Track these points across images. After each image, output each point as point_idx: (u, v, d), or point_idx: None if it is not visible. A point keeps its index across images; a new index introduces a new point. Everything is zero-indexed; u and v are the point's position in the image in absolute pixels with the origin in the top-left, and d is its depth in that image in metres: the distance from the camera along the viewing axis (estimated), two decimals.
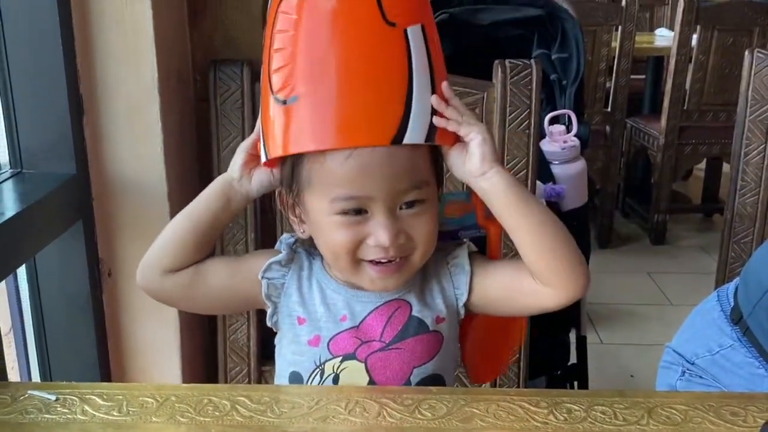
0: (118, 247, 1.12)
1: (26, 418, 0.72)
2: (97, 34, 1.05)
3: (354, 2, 0.72)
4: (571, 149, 1.48)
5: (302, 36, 0.72)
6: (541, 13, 1.82)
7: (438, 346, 0.81)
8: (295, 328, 0.81)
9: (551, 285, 0.75)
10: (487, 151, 0.74)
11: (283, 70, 0.72)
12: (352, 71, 0.71)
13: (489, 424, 0.70)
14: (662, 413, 0.72)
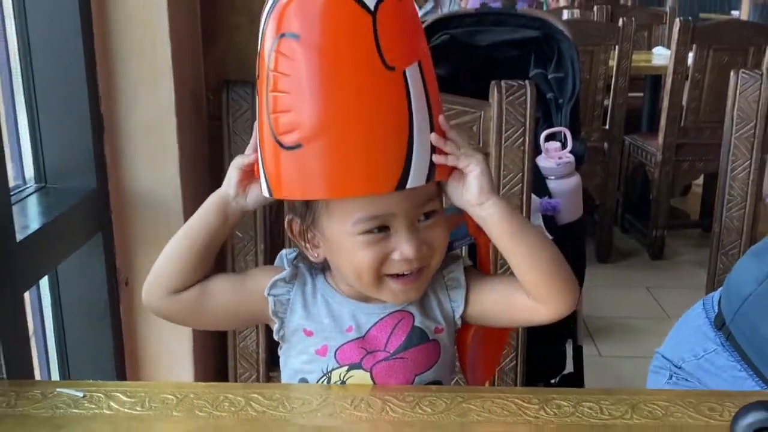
0: (135, 258, 1.18)
1: (57, 413, 0.78)
2: (118, 58, 1.11)
3: (355, 49, 0.72)
4: (566, 165, 1.54)
5: (304, 83, 0.72)
6: (537, 34, 1.89)
7: (437, 354, 0.85)
8: (304, 341, 0.85)
9: (543, 302, 0.80)
10: (484, 182, 0.77)
11: (285, 114, 0.73)
12: (355, 120, 0.73)
13: (484, 418, 0.76)
14: (645, 408, 0.78)
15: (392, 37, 0.73)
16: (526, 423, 0.75)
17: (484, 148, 1.19)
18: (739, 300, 1.01)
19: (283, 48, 0.72)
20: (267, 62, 0.74)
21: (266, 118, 0.75)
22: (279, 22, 0.73)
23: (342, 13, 0.72)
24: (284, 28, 0.72)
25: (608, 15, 4.03)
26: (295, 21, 0.72)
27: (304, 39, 0.72)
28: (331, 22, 0.72)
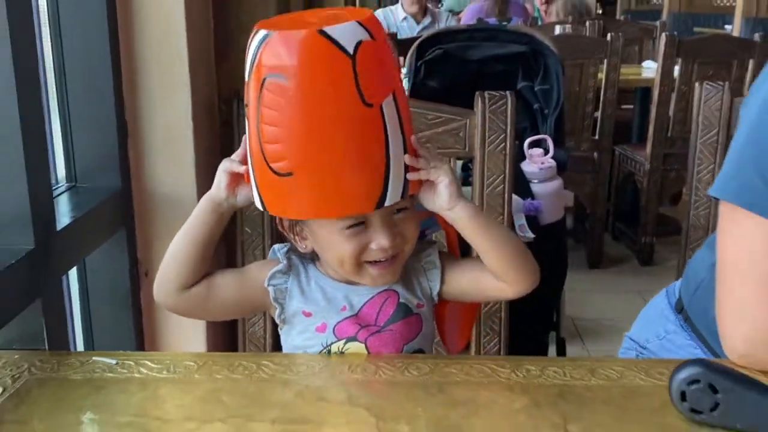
0: (154, 252, 1.31)
1: (94, 376, 0.90)
2: (141, 71, 1.25)
3: (337, 90, 0.79)
4: (547, 170, 1.67)
5: (292, 120, 0.80)
6: (525, 49, 2.02)
7: (420, 326, 0.97)
8: (303, 321, 0.96)
9: (508, 282, 0.94)
10: (453, 190, 0.89)
11: (275, 146, 0.82)
12: (338, 151, 0.81)
13: (462, 379, 0.88)
14: (602, 372, 0.90)
15: (370, 77, 0.81)
16: (498, 383, 0.87)
17: (469, 152, 1.32)
18: (694, 286, 1.13)
19: (270, 86, 0.79)
20: (257, 95, 0.81)
21: (257, 145, 0.84)
22: (267, 62, 0.79)
23: (325, 56, 0.79)
24: (272, 68, 0.79)
25: (600, 30, 4.17)
26: (280, 62, 0.79)
27: (293, 83, 0.79)
28: (315, 65, 0.79)
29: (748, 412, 0.76)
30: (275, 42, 0.79)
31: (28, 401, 0.83)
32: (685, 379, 0.78)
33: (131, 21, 1.23)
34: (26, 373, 0.89)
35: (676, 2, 8.82)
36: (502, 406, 0.83)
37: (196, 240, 0.93)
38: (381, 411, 0.80)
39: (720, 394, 0.76)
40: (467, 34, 2.06)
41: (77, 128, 1.22)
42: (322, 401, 0.84)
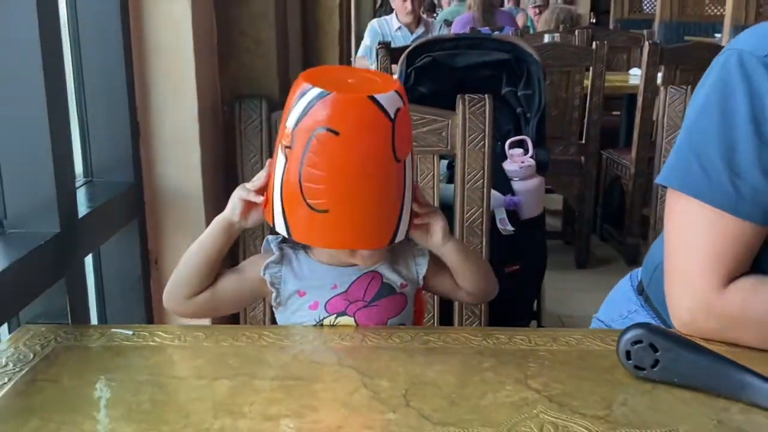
0: (163, 242, 1.43)
1: (113, 345, 1.01)
2: (151, 76, 1.37)
3: (378, 146, 0.94)
4: (527, 168, 1.79)
5: (336, 167, 0.93)
6: (508, 56, 2.14)
7: (404, 304, 1.09)
8: (298, 300, 1.08)
9: (473, 294, 1.13)
10: (445, 230, 1.06)
11: (317, 186, 0.93)
12: (371, 197, 0.96)
13: (439, 346, 1.00)
14: (563, 340, 1.02)
15: (402, 138, 0.95)
16: (470, 348, 0.99)
17: (451, 150, 1.44)
18: (652, 268, 1.25)
19: (321, 137, 0.92)
20: (304, 142, 0.92)
21: (296, 182, 0.95)
22: (319, 113, 0.91)
23: (372, 119, 0.92)
24: (324, 121, 0.91)
25: (589, 38, 4.30)
26: (335, 119, 0.91)
27: (342, 137, 0.92)
28: (363, 125, 0.92)
29: (683, 368, 0.87)
30: (332, 101, 0.91)
31: (57, 364, 0.94)
32: (629, 339, 0.89)
33: (143, 31, 1.35)
34: (53, 342, 1.00)
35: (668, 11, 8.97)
36: (472, 366, 0.94)
37: (207, 256, 1.05)
38: (366, 370, 0.92)
39: (660, 353, 0.88)
40: (454, 43, 2.19)
41: (93, 129, 1.34)
42: (315, 363, 0.96)
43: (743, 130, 0.95)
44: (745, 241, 0.97)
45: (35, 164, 1.07)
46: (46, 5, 1.05)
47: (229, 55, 1.53)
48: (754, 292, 0.97)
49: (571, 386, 0.88)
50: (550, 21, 5.15)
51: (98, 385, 0.91)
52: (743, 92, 0.96)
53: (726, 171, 0.96)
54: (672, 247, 1.04)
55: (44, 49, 1.03)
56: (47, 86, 1.05)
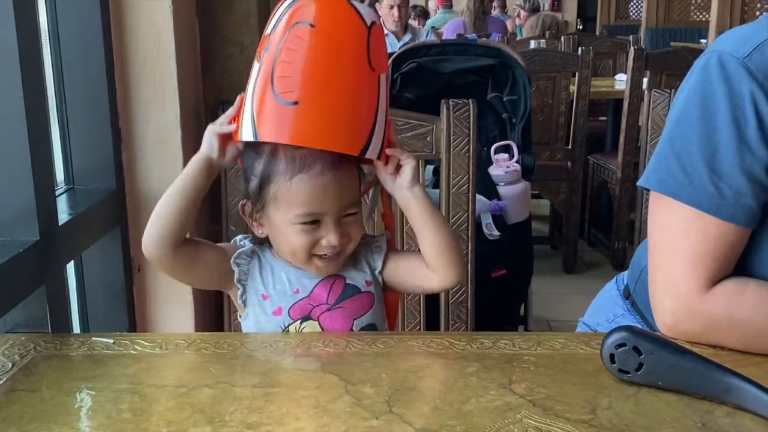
0: None
1: (93, 353, 1.00)
2: (133, 82, 1.36)
3: (353, 47, 0.96)
4: (512, 173, 1.79)
5: (309, 58, 0.94)
6: (494, 62, 2.15)
7: (371, 302, 1.08)
8: (262, 303, 1.07)
9: (437, 271, 1.06)
10: (416, 173, 1.04)
11: (288, 79, 0.94)
12: (343, 93, 0.96)
13: (423, 351, 0.99)
14: (547, 344, 1.01)
15: (377, 50, 0.98)
16: (454, 353, 0.98)
17: (436, 155, 1.43)
18: (638, 272, 1.25)
19: (297, 30, 0.94)
20: (280, 39, 0.95)
21: (267, 78, 0.95)
22: (297, 14, 0.95)
23: (348, 18, 0.96)
24: (300, 18, 0.94)
25: (575, 45, 4.32)
26: (312, 15, 0.94)
27: (317, 29, 0.94)
28: (342, 23, 0.96)
29: (668, 371, 0.87)
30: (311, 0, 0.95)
31: (36, 373, 0.93)
32: (613, 343, 0.89)
33: (125, 37, 1.34)
34: (32, 351, 0.99)
35: (654, 17, 9.03)
36: (456, 371, 0.93)
37: (186, 198, 1.02)
38: (349, 376, 0.91)
39: (643, 356, 0.87)
40: (439, 49, 2.19)
41: (75, 135, 1.33)
42: (297, 370, 0.95)
43: (724, 132, 0.95)
44: (728, 243, 0.97)
45: (14, 171, 1.05)
46: (24, 11, 1.04)
47: (213, 60, 1.52)
48: (737, 295, 0.97)
49: (555, 390, 0.87)
50: (535, 27, 5.18)
51: (78, 395, 0.90)
52: (723, 94, 0.96)
53: (707, 173, 0.96)
54: (655, 249, 1.04)
55: (23, 55, 1.02)
56: (26, 92, 1.04)
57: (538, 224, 4.10)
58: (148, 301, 1.43)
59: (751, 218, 0.96)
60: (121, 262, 1.36)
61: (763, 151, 0.94)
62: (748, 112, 0.94)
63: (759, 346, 0.95)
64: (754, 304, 0.96)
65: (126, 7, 1.33)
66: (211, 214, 1.53)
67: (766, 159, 0.94)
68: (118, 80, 1.34)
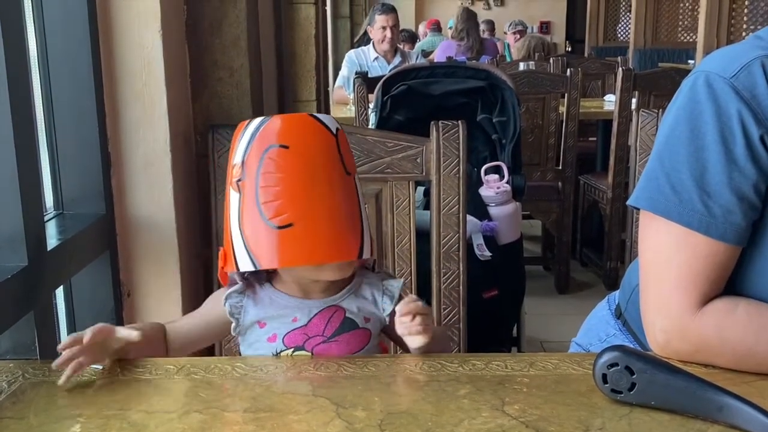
0: (136, 274, 1.41)
1: (82, 380, 0.98)
2: (123, 105, 1.36)
3: (327, 158, 1.00)
4: (503, 194, 1.80)
5: (291, 179, 0.97)
6: (483, 84, 2.16)
7: (367, 339, 1.08)
8: (257, 331, 1.07)
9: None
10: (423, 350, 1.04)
11: (274, 203, 0.96)
12: (332, 205, 0.99)
13: (414, 372, 0.98)
14: (540, 365, 1.01)
15: (346, 154, 1.03)
16: (446, 375, 0.98)
17: (426, 176, 1.44)
18: (629, 291, 1.25)
19: (272, 154, 0.97)
20: (256, 165, 0.97)
21: (254, 206, 0.98)
22: (266, 137, 0.98)
23: (316, 132, 1.00)
24: (271, 141, 0.97)
25: (564, 66, 4.35)
26: (283, 136, 0.98)
27: (291, 149, 0.97)
28: (309, 137, 1.00)
29: (660, 390, 0.86)
30: (277, 121, 0.99)
31: (24, 400, 0.92)
32: (605, 363, 0.89)
33: (114, 61, 1.34)
34: (20, 378, 0.98)
35: (642, 39, 9.12)
36: (448, 393, 0.93)
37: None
38: (341, 400, 0.90)
39: (636, 375, 0.87)
40: (429, 71, 2.20)
41: (64, 160, 1.32)
42: (288, 394, 0.94)
43: (713, 151, 0.96)
44: (719, 261, 0.97)
45: (2, 196, 1.05)
46: (13, 33, 1.04)
47: (202, 84, 1.52)
48: (728, 314, 0.97)
49: (548, 411, 0.87)
50: (521, 49, 5.22)
51: (66, 422, 0.89)
52: (711, 113, 0.96)
53: (697, 191, 0.96)
54: (646, 269, 1.04)
55: (11, 79, 1.02)
56: (14, 117, 1.03)
57: (530, 245, 4.11)
58: None
59: (740, 236, 0.96)
60: (111, 287, 1.35)
61: (751, 169, 0.94)
62: (736, 131, 0.95)
63: (750, 364, 0.95)
64: (745, 323, 0.96)
65: (115, 32, 1.34)
66: (202, 237, 1.53)
67: (755, 177, 0.95)
68: (107, 104, 1.34)
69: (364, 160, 1.44)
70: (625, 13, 10.17)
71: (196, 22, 1.51)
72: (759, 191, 0.95)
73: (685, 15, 9.12)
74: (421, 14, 11.64)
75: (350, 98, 4.21)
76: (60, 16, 1.27)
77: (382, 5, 5.00)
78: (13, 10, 1.04)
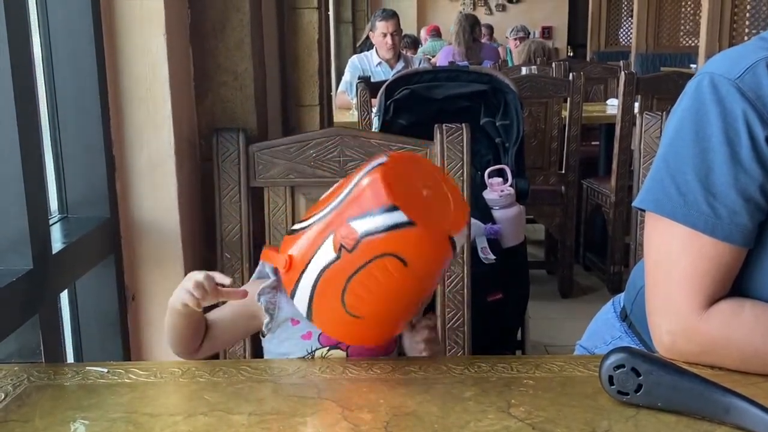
0: (140, 277, 1.41)
1: (87, 383, 0.99)
2: (127, 108, 1.36)
3: (436, 278, 1.01)
4: (506, 197, 1.80)
5: (391, 293, 0.95)
6: (486, 88, 2.16)
7: (396, 342, 1.10)
8: (290, 329, 1.06)
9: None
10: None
11: (361, 299, 0.94)
12: (409, 312, 1.01)
13: (420, 375, 0.98)
14: (545, 367, 1.00)
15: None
16: (452, 377, 0.98)
17: None
18: (634, 293, 1.24)
19: (388, 261, 0.91)
20: (368, 255, 0.91)
21: (341, 285, 0.94)
22: (397, 243, 0.90)
23: (444, 256, 0.95)
24: (399, 251, 0.91)
25: (566, 71, 4.35)
26: (410, 252, 0.91)
27: (410, 269, 0.92)
28: (437, 262, 0.96)
29: (667, 391, 0.86)
30: (415, 235, 0.90)
31: (29, 403, 0.92)
32: (611, 364, 0.88)
33: (118, 64, 1.35)
34: (25, 381, 0.98)
35: (644, 43, 9.11)
36: (454, 395, 0.93)
37: (179, 333, 1.06)
38: (346, 402, 0.90)
39: (642, 377, 0.87)
40: (432, 75, 2.21)
41: (68, 163, 1.32)
42: (294, 396, 0.94)
43: (718, 152, 0.96)
44: (724, 262, 0.97)
45: (7, 200, 1.05)
46: (18, 38, 1.04)
47: (206, 87, 1.53)
48: (734, 316, 0.97)
49: (554, 413, 0.87)
50: (522, 53, 5.23)
51: (72, 425, 0.89)
52: (716, 114, 0.96)
53: (702, 193, 0.96)
54: (651, 270, 1.03)
55: (16, 83, 1.02)
56: (19, 120, 1.03)
57: (534, 249, 4.10)
58: (143, 329, 1.42)
59: (746, 237, 0.96)
60: (115, 290, 1.35)
61: (756, 170, 0.94)
62: (742, 132, 0.94)
63: (757, 366, 0.95)
64: (751, 324, 0.96)
65: (119, 35, 1.34)
66: (206, 241, 1.53)
67: (760, 178, 0.94)
68: (111, 108, 1.34)
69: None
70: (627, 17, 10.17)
71: (200, 26, 1.51)
72: (765, 192, 0.95)
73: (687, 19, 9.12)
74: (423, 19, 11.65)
75: (353, 103, 4.21)
76: (64, 20, 1.28)
77: (383, 11, 5.00)
78: (18, 15, 1.05)
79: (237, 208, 1.44)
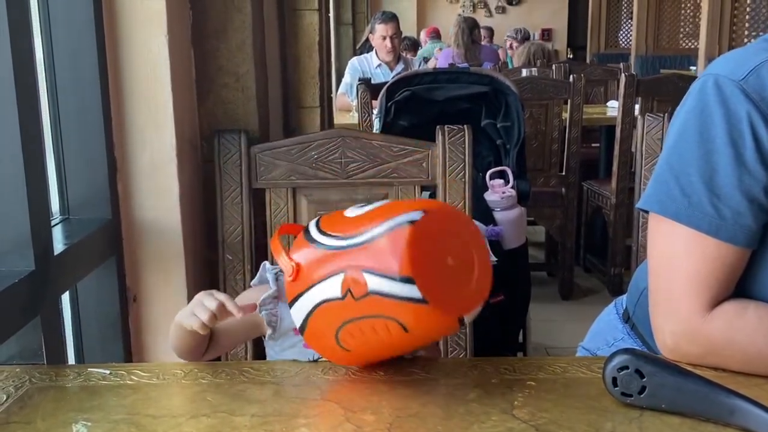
0: (142, 278, 1.40)
1: (89, 384, 0.98)
2: (129, 110, 1.36)
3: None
4: (508, 198, 1.79)
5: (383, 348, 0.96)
6: (487, 89, 2.16)
7: None
8: (293, 338, 1.07)
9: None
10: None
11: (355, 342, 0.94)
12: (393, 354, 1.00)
13: (423, 376, 0.98)
14: (549, 368, 1.00)
15: None
16: (455, 379, 0.97)
17: (432, 181, 1.43)
18: (637, 295, 1.24)
19: (392, 326, 0.89)
20: (373, 314, 0.89)
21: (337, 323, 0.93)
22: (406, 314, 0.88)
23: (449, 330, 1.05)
24: (405, 321, 0.88)
25: (566, 73, 4.35)
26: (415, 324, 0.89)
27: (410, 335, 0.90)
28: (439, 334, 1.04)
29: (670, 393, 0.86)
30: (425, 312, 0.87)
31: (31, 405, 0.92)
32: (615, 366, 0.88)
33: (120, 65, 1.35)
34: (27, 383, 0.97)
35: (643, 45, 9.12)
36: (457, 397, 0.92)
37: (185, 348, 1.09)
38: (349, 404, 0.90)
39: (646, 378, 0.86)
40: (432, 77, 2.20)
41: (70, 165, 1.32)
42: (297, 398, 0.93)
43: (722, 154, 0.96)
44: (728, 264, 0.97)
45: (9, 201, 1.05)
46: (20, 39, 1.04)
47: (208, 89, 1.53)
48: (737, 317, 0.97)
49: (558, 415, 0.87)
50: (521, 55, 5.23)
51: (73, 426, 0.88)
52: (721, 116, 0.96)
53: (706, 194, 0.96)
54: (655, 271, 1.03)
55: (18, 85, 1.02)
56: (21, 122, 1.03)
57: (534, 251, 4.10)
58: (144, 331, 1.42)
59: (750, 239, 0.96)
60: (117, 292, 1.35)
61: (760, 172, 0.94)
62: (746, 133, 0.94)
63: (760, 367, 0.94)
64: (754, 325, 0.96)
65: (121, 36, 1.34)
66: (207, 243, 1.52)
67: (764, 179, 0.94)
68: (113, 109, 1.34)
69: (370, 165, 1.44)
70: (627, 19, 10.18)
71: (202, 28, 1.51)
72: None
73: (687, 21, 9.12)
74: (423, 21, 11.65)
75: (353, 105, 4.21)
76: (66, 22, 1.28)
77: (383, 14, 5.00)
78: (20, 17, 1.05)
79: (238, 209, 1.44)
